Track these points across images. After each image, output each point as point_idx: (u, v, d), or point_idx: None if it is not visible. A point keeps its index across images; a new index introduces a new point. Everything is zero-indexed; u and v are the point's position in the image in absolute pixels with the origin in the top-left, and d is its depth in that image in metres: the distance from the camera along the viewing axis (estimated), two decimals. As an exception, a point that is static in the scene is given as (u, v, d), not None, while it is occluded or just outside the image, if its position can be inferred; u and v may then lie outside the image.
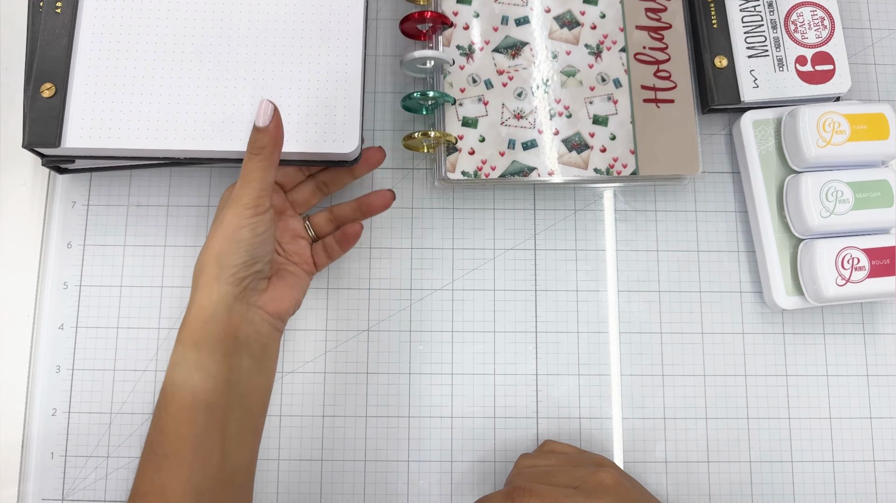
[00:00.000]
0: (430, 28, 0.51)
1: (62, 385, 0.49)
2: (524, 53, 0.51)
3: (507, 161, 0.50)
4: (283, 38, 0.48)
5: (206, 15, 0.47)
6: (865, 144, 0.49)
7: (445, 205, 0.53)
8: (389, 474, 0.49)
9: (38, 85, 0.45)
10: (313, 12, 0.48)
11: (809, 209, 0.49)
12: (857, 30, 0.57)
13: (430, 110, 0.52)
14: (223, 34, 0.47)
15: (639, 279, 0.52)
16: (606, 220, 0.53)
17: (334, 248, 0.48)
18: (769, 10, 0.54)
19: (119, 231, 0.52)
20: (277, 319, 0.43)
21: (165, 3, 0.47)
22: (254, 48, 0.47)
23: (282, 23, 0.48)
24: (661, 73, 0.52)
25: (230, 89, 0.46)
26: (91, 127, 0.45)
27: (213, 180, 0.53)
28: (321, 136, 0.46)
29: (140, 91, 0.46)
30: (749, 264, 0.53)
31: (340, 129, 0.46)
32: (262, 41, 0.47)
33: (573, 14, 0.52)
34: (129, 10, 0.47)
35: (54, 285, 0.51)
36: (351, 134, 0.46)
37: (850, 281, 0.48)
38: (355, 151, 0.47)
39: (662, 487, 0.49)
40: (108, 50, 0.46)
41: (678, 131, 0.51)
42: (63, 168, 0.50)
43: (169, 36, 0.47)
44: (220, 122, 0.46)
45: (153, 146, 0.45)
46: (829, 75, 0.53)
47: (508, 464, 0.49)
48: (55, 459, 0.48)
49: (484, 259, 0.52)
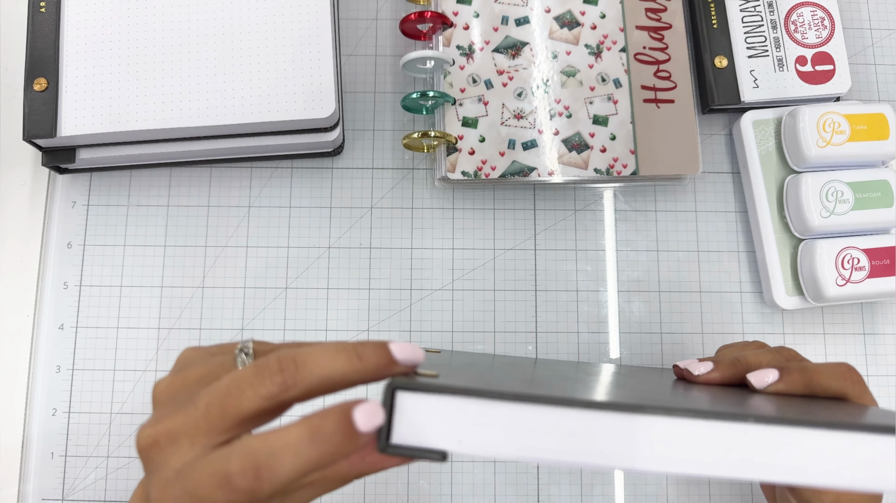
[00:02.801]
0: (430, 28, 0.51)
1: (62, 385, 0.49)
2: (524, 53, 0.51)
3: (507, 161, 0.50)
4: (254, 9, 0.49)
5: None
6: (865, 144, 0.49)
7: (445, 205, 0.53)
8: (389, 474, 0.49)
9: (30, 80, 0.47)
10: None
11: (809, 209, 0.49)
12: (857, 30, 0.56)
13: (430, 110, 0.52)
14: (199, 11, 0.49)
15: (639, 279, 0.52)
16: (606, 220, 0.53)
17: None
18: (769, 10, 0.54)
19: (119, 231, 0.52)
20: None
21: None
22: (226, 20, 0.49)
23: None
24: (661, 74, 0.52)
25: (212, 64, 0.48)
26: (84, 115, 0.47)
27: (213, 180, 0.53)
28: (298, 103, 0.47)
29: (128, 76, 0.48)
30: (749, 264, 0.53)
31: (317, 95, 0.48)
32: (233, 12, 0.49)
33: (573, 14, 0.52)
34: (109, 0, 0.49)
35: (54, 285, 0.51)
36: (327, 98, 0.47)
37: (850, 281, 0.48)
38: (332, 117, 0.48)
39: (663, 488, 0.49)
40: (94, 40, 0.48)
41: (678, 131, 0.51)
42: (63, 168, 0.50)
43: (150, 19, 0.49)
44: (208, 97, 0.47)
45: (145, 127, 0.47)
46: (829, 75, 0.53)
47: (508, 465, 0.49)
48: (55, 459, 0.48)
49: (484, 259, 0.52)
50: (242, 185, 0.52)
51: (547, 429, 0.26)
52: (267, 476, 0.26)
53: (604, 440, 0.26)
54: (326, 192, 0.53)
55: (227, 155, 0.51)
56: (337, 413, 0.26)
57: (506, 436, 0.26)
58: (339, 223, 0.52)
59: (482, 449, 0.26)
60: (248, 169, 0.53)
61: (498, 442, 0.26)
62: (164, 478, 0.27)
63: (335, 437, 0.26)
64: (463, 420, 0.26)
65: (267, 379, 0.27)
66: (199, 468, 0.26)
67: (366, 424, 0.26)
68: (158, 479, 0.27)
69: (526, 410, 0.26)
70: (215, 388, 0.27)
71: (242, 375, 0.27)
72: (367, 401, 0.27)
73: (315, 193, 0.53)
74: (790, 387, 0.35)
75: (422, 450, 0.26)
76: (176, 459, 0.27)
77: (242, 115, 0.47)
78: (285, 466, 0.26)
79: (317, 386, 0.28)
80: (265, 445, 0.26)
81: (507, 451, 0.26)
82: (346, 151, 0.53)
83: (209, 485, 0.26)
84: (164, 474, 0.27)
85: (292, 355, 0.27)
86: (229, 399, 0.27)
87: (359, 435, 0.26)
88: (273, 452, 0.26)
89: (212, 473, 0.26)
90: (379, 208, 0.53)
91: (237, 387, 0.27)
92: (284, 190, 0.52)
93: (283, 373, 0.27)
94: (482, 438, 0.26)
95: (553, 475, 0.49)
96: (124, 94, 0.47)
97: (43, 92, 0.47)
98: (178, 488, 0.26)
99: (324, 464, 0.26)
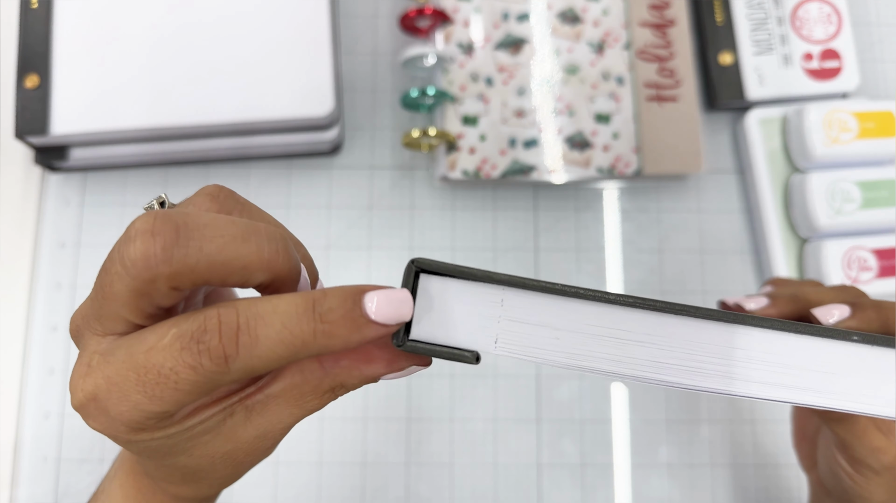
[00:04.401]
0: (430, 25, 0.51)
1: (55, 388, 0.49)
2: (525, 50, 0.51)
3: (508, 159, 0.49)
4: (250, 4, 0.48)
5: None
6: (873, 142, 0.49)
7: (445, 205, 0.52)
8: (389, 477, 0.48)
9: (22, 77, 0.47)
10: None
11: (815, 209, 0.48)
12: (865, 26, 0.56)
13: (429, 108, 0.51)
14: (193, 6, 0.48)
15: (641, 279, 0.51)
16: (608, 220, 0.52)
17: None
18: (775, 6, 0.53)
19: (114, 231, 0.51)
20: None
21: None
22: (220, 16, 0.48)
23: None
24: (664, 71, 0.51)
25: (207, 62, 0.47)
26: (76, 112, 0.46)
27: (210, 180, 0.52)
28: (295, 101, 0.47)
29: (121, 73, 0.47)
30: (754, 264, 0.52)
31: (315, 92, 0.47)
32: (228, 8, 0.48)
33: (575, 10, 0.51)
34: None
35: (48, 286, 0.50)
36: (325, 95, 0.47)
37: (856, 281, 0.48)
38: (331, 114, 0.47)
39: (665, 492, 0.49)
40: (86, 36, 0.48)
41: (682, 129, 0.50)
42: (56, 166, 0.50)
43: (143, 15, 0.48)
44: (203, 94, 0.47)
45: (138, 125, 0.46)
46: (836, 72, 0.52)
47: (509, 467, 0.48)
48: (48, 463, 0.48)
49: (484, 259, 0.51)
50: (239, 185, 0.51)
51: (605, 332, 0.22)
52: (245, 342, 0.21)
53: (687, 350, 0.22)
54: (325, 191, 0.52)
55: (224, 154, 0.50)
56: (343, 293, 0.21)
57: (553, 338, 0.22)
58: (338, 223, 0.51)
59: (524, 351, 0.22)
60: (246, 168, 0.52)
61: (544, 345, 0.22)
62: (102, 350, 0.22)
63: (336, 316, 0.21)
64: (501, 314, 0.22)
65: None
66: (158, 330, 0.21)
67: (382, 313, 0.21)
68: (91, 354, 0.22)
69: (585, 308, 0.22)
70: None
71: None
72: (390, 287, 0.22)
73: (313, 193, 0.52)
74: (863, 325, 0.31)
75: (449, 350, 0.22)
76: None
77: (239, 113, 0.46)
78: (270, 335, 0.21)
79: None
80: (251, 305, 0.21)
81: (553, 357, 0.22)
82: (344, 150, 0.52)
83: (168, 348, 0.21)
84: (98, 348, 0.22)
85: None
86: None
87: (368, 323, 0.21)
88: (259, 314, 0.21)
89: (177, 334, 0.21)
90: (378, 208, 0.52)
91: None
92: (282, 189, 0.52)
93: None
94: (526, 338, 0.22)
95: (554, 478, 0.48)
96: (117, 91, 0.47)
97: (35, 89, 0.47)
98: (122, 355, 0.21)
99: (317, 350, 0.21)
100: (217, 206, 0.24)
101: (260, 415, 0.24)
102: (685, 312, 0.22)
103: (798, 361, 0.22)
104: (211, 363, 0.21)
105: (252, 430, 0.24)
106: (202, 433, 0.23)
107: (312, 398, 0.24)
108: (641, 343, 0.22)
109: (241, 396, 0.24)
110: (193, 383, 0.21)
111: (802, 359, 0.22)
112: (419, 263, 0.22)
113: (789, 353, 0.22)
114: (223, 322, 0.21)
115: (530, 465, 0.49)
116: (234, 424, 0.24)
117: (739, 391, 0.22)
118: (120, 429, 0.22)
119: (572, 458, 0.49)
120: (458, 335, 0.22)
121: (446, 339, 0.22)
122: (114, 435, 0.22)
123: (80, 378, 0.22)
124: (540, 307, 0.22)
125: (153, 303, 0.21)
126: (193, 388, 0.21)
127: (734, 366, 0.22)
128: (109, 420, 0.22)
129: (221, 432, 0.23)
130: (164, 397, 0.21)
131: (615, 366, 0.22)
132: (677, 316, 0.22)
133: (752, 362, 0.22)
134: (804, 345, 0.22)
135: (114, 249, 0.21)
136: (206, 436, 0.23)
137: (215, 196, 0.24)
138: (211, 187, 0.25)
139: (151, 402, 0.21)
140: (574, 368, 0.22)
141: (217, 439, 0.24)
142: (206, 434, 0.23)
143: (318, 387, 0.24)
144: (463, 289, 0.22)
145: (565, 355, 0.22)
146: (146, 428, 0.22)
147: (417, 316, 0.22)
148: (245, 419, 0.24)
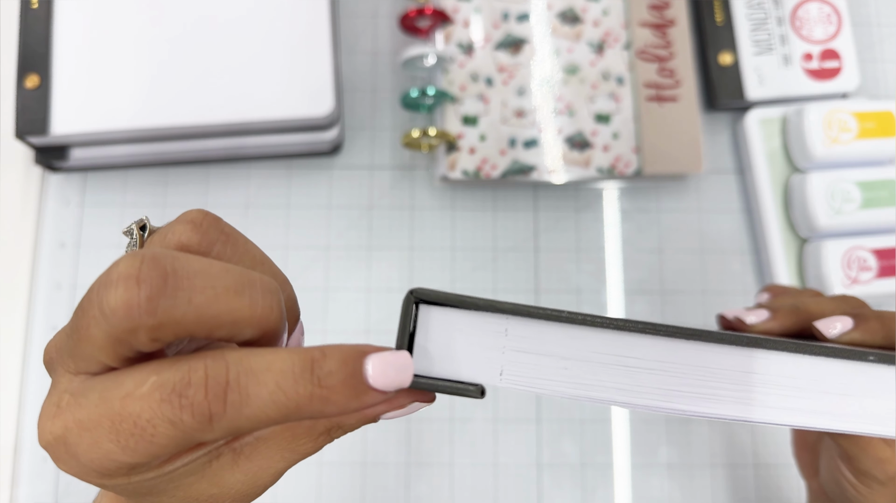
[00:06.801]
0: (430, 25, 0.51)
1: (55, 387, 0.49)
2: (525, 50, 0.51)
3: (508, 159, 0.49)
4: (250, 4, 0.48)
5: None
6: (873, 142, 0.49)
7: (445, 205, 0.52)
8: (388, 477, 0.48)
9: (22, 77, 0.47)
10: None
11: (815, 209, 0.48)
12: (865, 26, 0.56)
13: (429, 108, 0.51)
14: (194, 6, 0.48)
15: (641, 279, 0.51)
16: (608, 220, 0.52)
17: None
18: (775, 6, 0.53)
19: (114, 231, 0.51)
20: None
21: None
22: (220, 16, 0.48)
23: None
24: (664, 71, 0.51)
25: (207, 61, 0.47)
26: (77, 112, 0.46)
27: (210, 180, 0.52)
28: (295, 101, 0.47)
29: (121, 73, 0.47)
30: (754, 264, 0.52)
31: (315, 92, 0.47)
32: (228, 8, 0.48)
33: (575, 11, 0.51)
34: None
35: (48, 286, 0.50)
36: (325, 95, 0.47)
37: (856, 281, 0.48)
38: (331, 114, 0.47)
39: (665, 492, 0.49)
40: (87, 36, 0.48)
41: (682, 129, 0.50)
42: (55, 167, 0.50)
43: (143, 15, 0.48)
44: (203, 94, 0.47)
45: (139, 125, 0.46)
46: (835, 72, 0.52)
47: (509, 468, 0.48)
48: (48, 463, 0.48)
49: (484, 259, 0.51)
50: (240, 185, 0.51)
51: (615, 360, 0.21)
52: (234, 400, 0.19)
53: (700, 377, 0.21)
54: (325, 191, 0.52)
55: (225, 154, 0.50)
56: (344, 355, 0.20)
57: (561, 368, 0.21)
58: (338, 223, 0.51)
59: (531, 383, 0.21)
60: (246, 168, 0.52)
61: (552, 376, 0.21)
62: (74, 390, 0.20)
63: (335, 380, 0.19)
64: (506, 345, 0.21)
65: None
66: (136, 376, 0.19)
67: (382, 381, 0.20)
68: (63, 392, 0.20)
69: (593, 335, 0.21)
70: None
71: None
72: (390, 350, 0.20)
73: (313, 193, 0.52)
74: (867, 337, 0.30)
75: (453, 384, 0.21)
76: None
77: (239, 113, 0.46)
78: (262, 395, 0.19)
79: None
80: (242, 359, 0.19)
81: (561, 388, 0.21)
82: (344, 150, 0.52)
83: (146, 398, 0.19)
84: (69, 386, 0.20)
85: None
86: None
87: (368, 390, 0.20)
88: (252, 371, 0.19)
89: (158, 383, 0.19)
90: (378, 208, 0.52)
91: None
92: (282, 189, 0.52)
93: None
94: (532, 369, 0.21)
95: (554, 478, 0.48)
96: (117, 91, 0.47)
97: (35, 89, 0.47)
98: (95, 398, 0.19)
99: (310, 414, 0.20)
100: (199, 235, 0.22)
101: (248, 458, 0.22)
102: (697, 337, 0.21)
103: (814, 384, 0.22)
104: (193, 420, 0.19)
105: (240, 475, 0.22)
106: (185, 475, 0.22)
107: (307, 441, 0.22)
108: (653, 370, 0.21)
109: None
110: (171, 438, 0.19)
111: (818, 382, 0.22)
112: (418, 294, 0.22)
113: (804, 376, 0.22)
114: (210, 376, 0.19)
115: (530, 465, 0.49)
116: (220, 467, 0.22)
117: (758, 418, 0.22)
118: (91, 475, 0.20)
119: (572, 458, 0.49)
120: (461, 368, 0.21)
121: (449, 373, 0.21)
122: (85, 479, 0.21)
123: (49, 419, 0.20)
124: (546, 336, 0.21)
125: (132, 350, 0.20)
126: (171, 443, 0.19)
127: (751, 391, 0.21)
128: (79, 465, 0.20)
129: (206, 475, 0.22)
130: (137, 449, 0.19)
131: (627, 397, 0.21)
132: (689, 341, 0.21)
133: (767, 386, 0.21)
134: (820, 367, 0.22)
135: (93, 289, 0.19)
136: (189, 478, 0.22)
137: (198, 224, 0.22)
138: (194, 213, 0.23)
139: (124, 453, 0.19)
140: (584, 400, 0.21)
141: (202, 482, 0.22)
142: (189, 476, 0.22)
143: (313, 429, 0.22)
144: (465, 319, 0.21)
145: (574, 386, 0.21)
146: (120, 475, 0.20)
147: (418, 349, 0.21)
148: (232, 462, 0.22)
